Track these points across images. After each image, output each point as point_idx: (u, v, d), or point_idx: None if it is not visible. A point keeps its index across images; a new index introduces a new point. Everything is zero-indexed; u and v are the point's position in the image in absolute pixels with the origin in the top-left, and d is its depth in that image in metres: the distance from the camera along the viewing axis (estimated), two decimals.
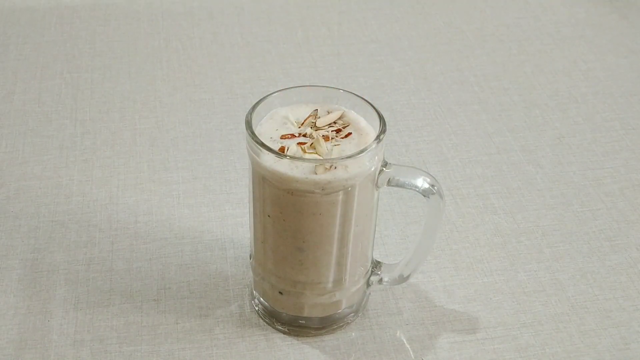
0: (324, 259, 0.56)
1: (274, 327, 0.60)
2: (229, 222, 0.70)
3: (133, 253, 0.66)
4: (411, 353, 0.59)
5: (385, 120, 0.54)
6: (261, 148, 0.52)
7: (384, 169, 0.54)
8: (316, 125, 0.55)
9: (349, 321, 0.61)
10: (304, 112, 0.56)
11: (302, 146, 0.53)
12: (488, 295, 0.64)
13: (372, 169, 0.53)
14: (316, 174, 0.51)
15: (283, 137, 0.54)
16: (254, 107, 0.55)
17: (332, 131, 0.55)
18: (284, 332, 0.60)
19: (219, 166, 0.76)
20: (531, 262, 0.67)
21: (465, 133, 0.81)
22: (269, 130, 0.55)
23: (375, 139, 0.53)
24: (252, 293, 0.62)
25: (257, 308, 0.62)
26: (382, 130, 0.53)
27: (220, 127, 0.81)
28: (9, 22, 0.98)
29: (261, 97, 0.56)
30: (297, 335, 0.60)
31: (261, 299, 0.61)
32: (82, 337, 0.59)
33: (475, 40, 0.96)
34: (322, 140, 0.53)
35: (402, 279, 0.60)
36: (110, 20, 0.98)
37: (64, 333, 0.60)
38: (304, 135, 0.54)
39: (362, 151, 0.52)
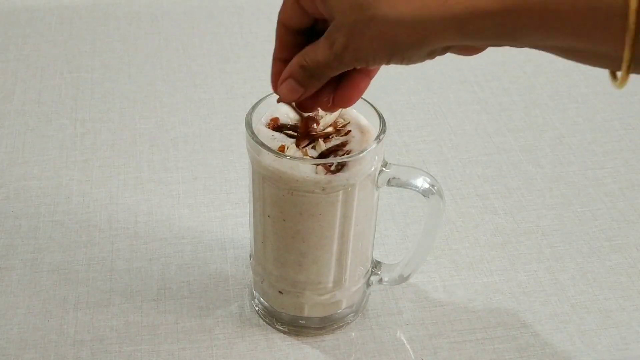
0: (324, 259, 0.56)
1: (274, 327, 0.60)
2: (229, 222, 0.70)
3: (133, 253, 0.66)
4: (411, 353, 0.59)
5: (385, 120, 0.54)
6: (261, 148, 0.52)
7: (384, 169, 0.54)
8: (318, 124, 0.55)
9: (349, 321, 0.61)
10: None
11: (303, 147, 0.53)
12: (488, 295, 0.64)
13: (372, 169, 0.53)
14: (316, 173, 0.51)
15: (276, 127, 0.54)
16: (254, 107, 0.55)
17: (332, 130, 0.55)
18: (284, 332, 0.60)
19: (219, 166, 0.76)
20: (531, 262, 0.66)
21: (465, 133, 0.81)
22: (268, 129, 0.55)
23: (375, 139, 0.53)
24: (252, 293, 0.62)
25: (257, 308, 0.62)
26: (382, 130, 0.53)
27: (220, 127, 0.81)
28: (9, 22, 0.98)
29: (261, 97, 0.56)
30: (297, 335, 0.60)
31: (261, 299, 0.61)
32: (82, 337, 0.59)
33: None
34: (321, 140, 0.53)
35: (402, 279, 0.60)
36: (110, 20, 0.98)
37: (64, 333, 0.60)
38: (305, 134, 0.54)
39: (362, 151, 0.52)
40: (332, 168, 0.51)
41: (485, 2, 0.41)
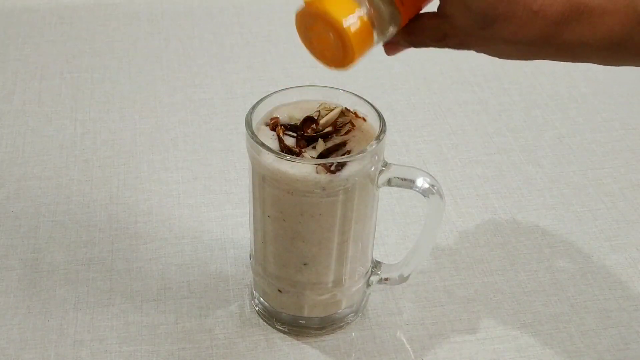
0: (324, 259, 0.56)
1: (274, 327, 0.60)
2: (229, 222, 0.70)
3: (133, 253, 0.66)
4: (411, 353, 0.59)
5: (385, 120, 0.54)
6: (261, 148, 0.52)
7: (384, 169, 0.54)
8: (318, 124, 0.55)
9: (349, 321, 0.61)
10: (304, 111, 0.56)
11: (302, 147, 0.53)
12: (488, 295, 0.64)
13: (372, 169, 0.53)
14: (316, 173, 0.51)
15: (282, 132, 0.54)
16: (254, 107, 0.55)
17: (332, 130, 0.55)
18: (284, 332, 0.60)
19: (219, 166, 0.76)
20: (531, 262, 0.66)
21: (465, 133, 0.81)
22: (268, 129, 0.55)
23: (375, 139, 0.53)
24: (252, 293, 0.62)
25: (257, 308, 0.62)
26: (382, 130, 0.53)
27: (220, 127, 0.81)
28: (9, 22, 0.98)
29: (261, 97, 0.56)
30: (297, 335, 0.60)
31: (261, 299, 0.61)
32: (82, 337, 0.59)
33: None
34: (322, 140, 0.53)
35: (402, 279, 0.60)
36: (110, 20, 0.98)
37: (64, 333, 0.60)
38: (305, 134, 0.54)
39: (362, 151, 0.52)
40: (332, 168, 0.51)
41: None
